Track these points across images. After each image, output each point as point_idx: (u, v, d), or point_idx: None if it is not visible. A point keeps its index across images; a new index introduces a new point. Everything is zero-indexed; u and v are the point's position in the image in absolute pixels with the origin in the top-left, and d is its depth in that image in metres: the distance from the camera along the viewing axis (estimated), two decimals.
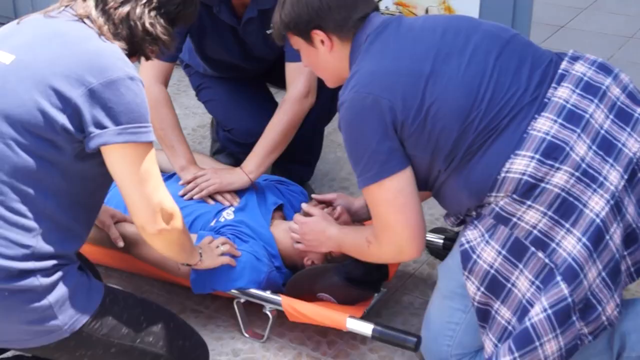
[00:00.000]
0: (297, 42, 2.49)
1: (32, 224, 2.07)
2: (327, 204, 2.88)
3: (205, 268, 2.65)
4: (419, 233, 2.34)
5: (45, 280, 2.08)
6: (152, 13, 2.21)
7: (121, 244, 2.78)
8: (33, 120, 2.03)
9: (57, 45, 2.11)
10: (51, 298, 2.09)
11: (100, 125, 2.04)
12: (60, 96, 2.04)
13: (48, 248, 2.09)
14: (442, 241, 3.03)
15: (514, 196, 2.19)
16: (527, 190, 2.18)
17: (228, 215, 2.94)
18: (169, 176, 3.18)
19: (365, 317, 2.65)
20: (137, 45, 2.21)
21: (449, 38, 2.32)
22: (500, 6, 3.83)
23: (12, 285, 2.05)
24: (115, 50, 2.13)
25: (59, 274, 2.12)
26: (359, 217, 2.87)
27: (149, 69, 3.12)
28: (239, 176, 3.07)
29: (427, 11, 3.98)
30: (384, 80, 2.26)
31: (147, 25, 2.19)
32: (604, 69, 2.35)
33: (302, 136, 3.33)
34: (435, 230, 3.16)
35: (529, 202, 2.19)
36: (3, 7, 5.48)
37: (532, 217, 2.19)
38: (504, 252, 2.23)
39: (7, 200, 2.05)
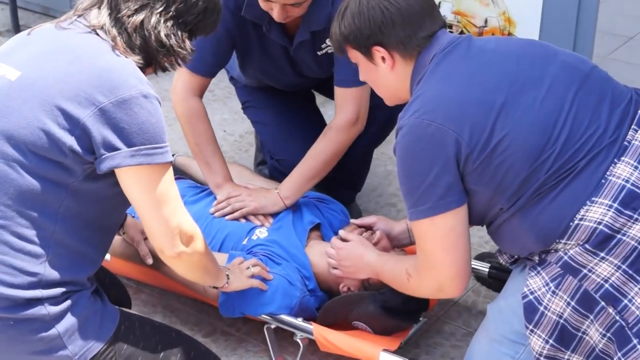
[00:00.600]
0: (355, 56, 2.32)
1: (39, 250, 1.97)
2: (367, 228, 2.73)
3: (234, 290, 2.54)
4: (463, 274, 2.19)
5: (54, 309, 1.99)
6: (169, 23, 2.09)
7: (150, 260, 2.70)
8: (38, 141, 1.93)
9: (66, 61, 1.99)
10: (60, 327, 2.00)
11: (111, 147, 1.93)
12: (68, 116, 1.93)
13: (57, 275, 2.00)
14: (487, 270, 2.88)
15: (587, 246, 2.03)
16: (602, 241, 2.02)
17: (261, 233, 2.83)
18: (201, 190, 3.08)
19: (401, 349, 2.53)
20: (151, 56, 2.10)
21: (525, 67, 2.15)
22: (563, 15, 3.66)
23: (18, 315, 1.96)
24: (127, 65, 2.01)
25: (69, 302, 2.03)
26: (399, 243, 2.74)
27: (184, 81, 3.03)
28: (274, 201, 2.95)
29: (486, 22, 3.82)
30: (450, 108, 2.09)
31: (162, 36, 2.07)
32: None
33: (351, 160, 3.20)
34: (480, 257, 2.99)
35: (602, 254, 2.03)
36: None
37: (605, 270, 2.03)
38: (572, 303, 2.08)
39: (12, 225, 1.96)
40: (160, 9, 2.07)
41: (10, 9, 5.47)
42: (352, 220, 2.83)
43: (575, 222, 2.04)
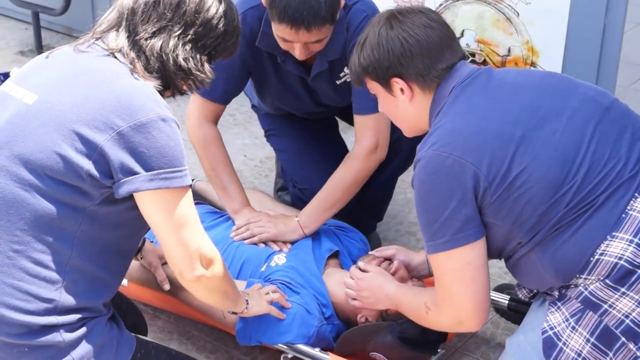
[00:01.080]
0: (374, 87, 2.30)
1: (55, 275, 1.95)
2: (386, 259, 2.70)
3: (253, 315, 2.51)
4: (482, 307, 2.15)
5: (69, 336, 1.96)
6: (188, 46, 2.07)
7: (167, 287, 2.67)
8: (55, 165, 1.91)
9: (84, 85, 1.98)
10: (75, 354, 1.97)
11: (130, 172, 1.91)
12: (85, 141, 1.91)
13: (73, 301, 1.97)
14: (507, 302, 2.84)
15: (607, 281, 2.01)
16: (623, 276, 1.99)
17: (279, 259, 2.80)
18: (219, 216, 3.06)
19: None
20: (169, 80, 2.08)
21: (545, 100, 2.12)
22: (586, 45, 3.64)
23: (33, 341, 1.93)
24: (146, 89, 1.99)
25: (84, 329, 2.00)
26: (418, 273, 2.70)
27: (198, 108, 3.02)
28: (293, 229, 2.93)
29: (509, 51, 3.80)
30: (468, 141, 2.06)
31: (181, 60, 2.06)
32: None
33: (374, 189, 3.19)
34: (500, 288, 2.95)
35: (623, 289, 2.00)
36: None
37: (626, 305, 2.00)
38: (592, 339, 2.04)
39: (28, 251, 1.93)
40: (179, 32, 2.06)
41: (33, 29, 5.53)
42: (371, 252, 2.79)
43: (596, 257, 2.01)
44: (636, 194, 2.03)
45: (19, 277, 1.93)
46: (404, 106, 2.26)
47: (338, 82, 2.95)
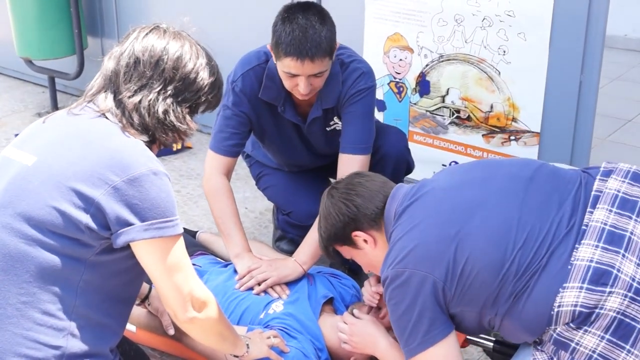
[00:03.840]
0: (346, 251, 2.46)
1: (62, 323, 1.97)
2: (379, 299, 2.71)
3: (253, 358, 2.50)
4: None
5: None
6: (168, 100, 2.09)
7: (172, 331, 2.69)
8: (55, 220, 1.94)
9: (79, 145, 2.01)
10: None
11: (125, 223, 1.94)
12: (82, 196, 1.94)
13: (80, 347, 1.98)
14: (492, 344, 2.81)
15: (571, 325, 2.06)
16: (584, 319, 2.04)
17: (277, 307, 2.81)
18: (224, 265, 3.08)
19: None
20: (152, 133, 2.10)
21: (468, 193, 2.22)
22: (564, 100, 3.66)
23: None
24: (137, 145, 2.02)
25: None
26: None
27: (211, 161, 3.12)
28: (293, 268, 2.95)
29: (492, 107, 3.83)
30: (416, 253, 2.17)
31: (160, 113, 2.08)
32: (639, 178, 2.18)
33: None
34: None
35: (585, 327, 2.04)
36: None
37: (590, 341, 2.05)
38: None
39: (35, 302, 1.95)
40: (159, 88, 2.08)
41: (50, 92, 5.59)
42: (367, 281, 2.77)
43: (555, 309, 2.06)
44: (577, 245, 2.08)
45: (28, 327, 1.94)
46: (373, 253, 2.39)
47: (328, 128, 3.04)
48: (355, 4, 4.11)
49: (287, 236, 3.55)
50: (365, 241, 2.36)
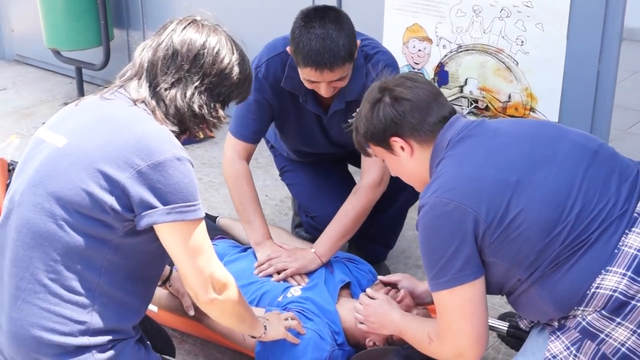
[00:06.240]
0: (378, 151, 2.35)
1: (86, 300, 2.00)
2: (392, 285, 2.72)
3: (270, 339, 2.53)
4: (481, 341, 2.16)
5: (101, 356, 2.01)
6: (203, 95, 2.13)
7: (192, 312, 2.72)
8: (83, 201, 1.97)
9: (108, 129, 2.04)
10: None
11: (149, 206, 1.97)
12: (108, 179, 1.96)
13: (103, 323, 2.02)
14: (506, 329, 2.83)
15: (603, 312, 2.02)
16: (618, 307, 2.00)
17: (295, 291, 2.82)
18: (243, 249, 3.09)
19: None
20: (185, 125, 2.13)
21: (536, 147, 2.15)
22: (582, 91, 3.66)
23: None
24: (162, 132, 2.04)
25: (115, 350, 2.04)
26: (422, 301, 2.70)
27: (232, 146, 3.11)
28: (312, 260, 2.96)
29: (509, 97, 3.83)
30: (467, 187, 2.08)
31: (195, 107, 2.11)
32: None
33: (389, 219, 3.24)
34: (502, 317, 2.95)
35: (618, 319, 2.01)
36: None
37: (621, 334, 2.01)
38: None
39: (61, 279, 1.99)
40: (197, 82, 2.11)
41: (76, 83, 5.65)
42: (379, 277, 2.81)
43: (592, 290, 2.01)
44: (627, 231, 2.04)
45: (54, 302, 1.98)
46: (407, 163, 2.29)
47: (350, 120, 3.03)
48: None
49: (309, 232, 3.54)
50: (402, 148, 2.26)
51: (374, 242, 3.35)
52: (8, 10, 6.37)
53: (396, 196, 3.14)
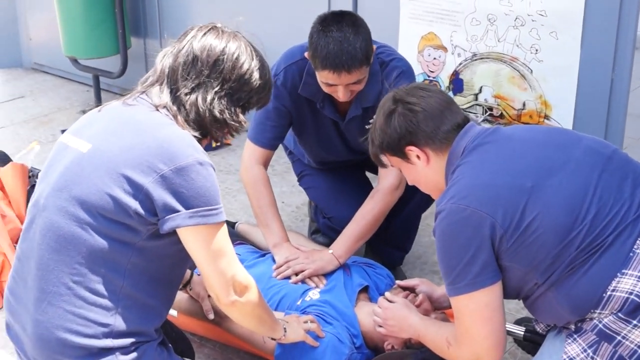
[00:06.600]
0: (395, 161, 2.38)
1: (110, 303, 2.03)
2: (410, 289, 2.75)
3: (290, 342, 2.55)
4: (499, 345, 2.18)
5: (124, 358, 2.05)
6: (223, 100, 2.15)
7: (211, 316, 2.75)
8: (107, 205, 2.00)
9: (131, 134, 2.07)
10: None
11: (172, 210, 2.00)
12: (132, 183, 2.00)
13: (127, 326, 2.05)
14: (522, 333, 2.84)
15: (620, 314, 2.04)
16: (634, 309, 2.02)
17: (314, 295, 2.85)
18: (262, 254, 3.13)
19: None
20: (206, 129, 2.16)
21: (550, 152, 2.17)
22: (595, 99, 3.69)
23: None
24: (185, 136, 2.07)
25: (138, 352, 2.07)
26: (439, 305, 2.73)
27: (250, 152, 3.15)
28: (329, 261, 2.99)
29: (524, 105, 3.86)
30: (483, 193, 2.11)
31: (216, 112, 2.14)
32: None
33: (402, 222, 3.27)
34: (518, 321, 2.95)
35: (634, 322, 2.03)
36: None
37: (638, 336, 2.03)
38: None
39: (86, 281, 2.02)
40: (216, 88, 2.14)
41: (94, 90, 5.71)
42: (397, 282, 2.84)
43: (608, 293, 2.04)
44: None
45: (79, 305, 2.01)
46: (423, 170, 2.32)
47: (367, 126, 3.06)
48: (391, 4, 4.17)
49: (326, 235, 3.57)
50: (418, 157, 2.29)
51: (389, 245, 3.38)
52: (25, 20, 6.44)
53: (409, 199, 3.17)
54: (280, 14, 4.78)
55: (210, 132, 2.18)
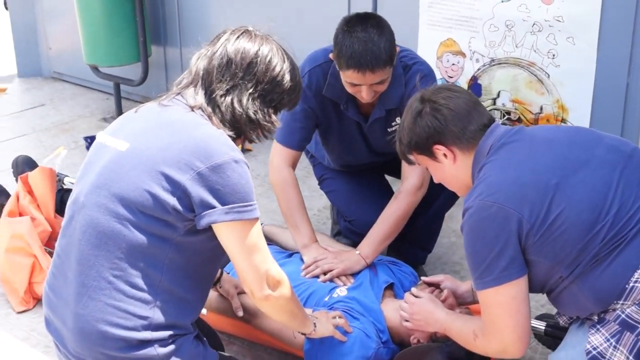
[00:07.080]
0: (422, 160, 2.44)
1: (149, 296, 2.09)
2: (435, 285, 2.82)
3: (319, 336, 2.61)
4: (525, 337, 2.25)
5: (163, 350, 2.10)
6: (257, 101, 2.21)
7: (240, 313, 2.80)
8: (146, 202, 2.06)
9: (168, 133, 2.13)
10: None
11: (208, 206, 2.05)
12: (170, 180, 2.05)
13: (165, 319, 2.10)
14: (544, 328, 2.90)
15: None
16: None
17: (341, 292, 2.91)
18: (289, 254, 3.20)
19: None
20: (241, 130, 2.22)
21: (573, 151, 2.24)
22: (611, 102, 3.75)
23: (132, 355, 2.07)
24: (220, 136, 2.13)
25: (175, 344, 2.13)
26: (464, 300, 2.80)
27: (279, 154, 3.20)
28: (357, 261, 3.06)
29: (541, 109, 3.92)
30: (510, 190, 2.18)
31: (251, 113, 2.20)
32: None
33: (425, 222, 3.33)
34: (539, 317, 3.02)
35: None
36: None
37: None
38: (631, 357, 2.13)
39: (125, 276, 2.08)
40: (250, 89, 2.20)
41: (114, 98, 5.75)
42: (422, 278, 2.90)
43: (631, 284, 2.10)
44: None
45: (119, 299, 2.07)
46: (450, 169, 2.38)
47: (390, 129, 3.13)
48: (410, 11, 4.23)
49: (348, 238, 3.63)
50: (445, 155, 2.36)
51: (413, 245, 3.44)
52: (45, 30, 6.51)
53: (433, 199, 3.24)
54: (300, 19, 4.83)
55: (245, 132, 2.24)
